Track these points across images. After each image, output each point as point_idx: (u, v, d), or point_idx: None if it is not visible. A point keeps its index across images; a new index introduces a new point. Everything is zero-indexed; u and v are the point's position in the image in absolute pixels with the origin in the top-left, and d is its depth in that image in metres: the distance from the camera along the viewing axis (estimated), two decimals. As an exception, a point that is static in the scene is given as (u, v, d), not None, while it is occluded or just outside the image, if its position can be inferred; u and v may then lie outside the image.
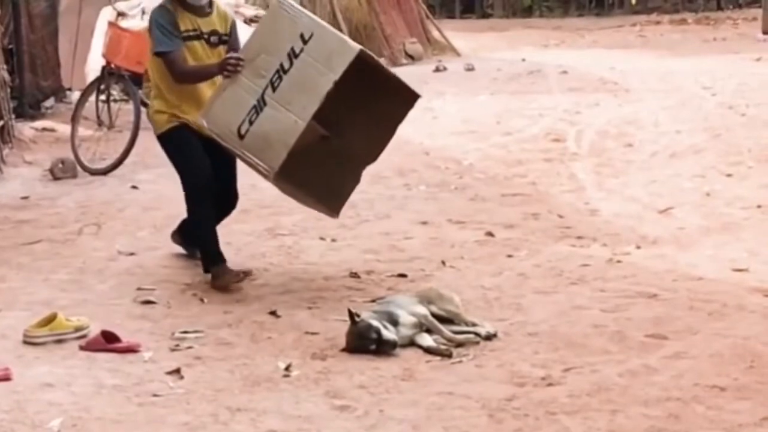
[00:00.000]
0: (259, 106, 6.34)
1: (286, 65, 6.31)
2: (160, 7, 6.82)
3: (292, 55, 6.30)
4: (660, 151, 10.53)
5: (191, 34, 6.76)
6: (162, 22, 6.70)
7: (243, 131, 6.37)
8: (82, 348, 5.60)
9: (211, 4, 6.90)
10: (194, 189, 6.73)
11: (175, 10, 6.75)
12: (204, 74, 6.75)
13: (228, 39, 6.90)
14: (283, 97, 6.30)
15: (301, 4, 17.06)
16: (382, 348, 5.46)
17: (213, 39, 6.85)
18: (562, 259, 7.14)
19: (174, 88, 6.75)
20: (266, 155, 6.31)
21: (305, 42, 6.28)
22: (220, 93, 6.51)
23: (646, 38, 21.96)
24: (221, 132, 6.45)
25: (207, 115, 6.51)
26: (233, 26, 7.00)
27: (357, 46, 6.29)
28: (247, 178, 7.86)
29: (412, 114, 7.10)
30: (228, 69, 6.47)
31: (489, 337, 5.67)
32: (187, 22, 6.76)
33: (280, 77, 6.32)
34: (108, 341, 5.59)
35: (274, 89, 6.32)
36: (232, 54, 6.58)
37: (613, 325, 5.83)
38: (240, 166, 6.90)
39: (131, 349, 5.56)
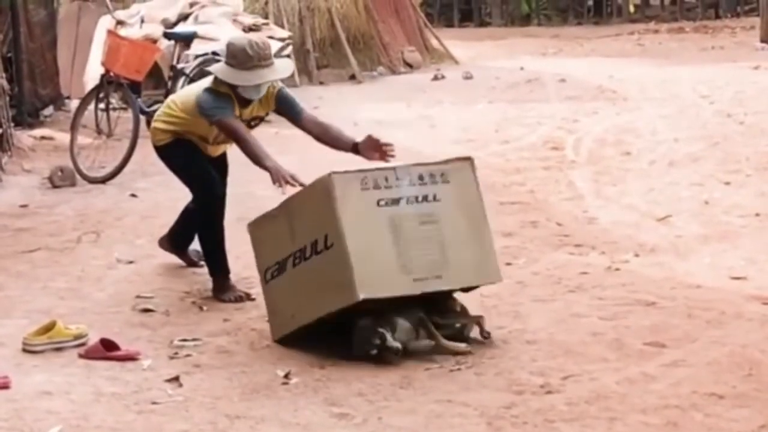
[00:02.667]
0: (281, 267, 5.78)
1: (307, 252, 5.65)
2: (219, 95, 6.41)
3: (313, 248, 5.62)
4: (658, 160, 10.54)
5: (247, 121, 6.58)
6: (216, 101, 6.36)
7: (268, 277, 5.87)
8: (81, 356, 5.60)
9: None
10: (215, 201, 6.70)
11: (235, 100, 6.44)
12: (257, 155, 6.28)
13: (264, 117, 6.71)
14: (294, 282, 5.72)
15: (300, 13, 17.14)
16: (385, 354, 5.45)
17: (253, 123, 6.68)
18: (560, 267, 7.15)
19: (193, 127, 6.62)
20: (271, 318, 5.90)
21: (326, 246, 5.55)
22: (271, 213, 5.92)
23: (645, 47, 21.99)
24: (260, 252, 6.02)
25: (254, 222, 6.04)
26: (281, 96, 6.61)
27: (358, 296, 5.41)
28: (243, 187, 7.88)
29: (411, 122, 7.08)
30: (276, 179, 6.10)
31: (484, 335, 5.69)
32: (243, 112, 6.52)
33: (299, 258, 5.68)
34: (107, 349, 5.60)
35: (294, 265, 5.71)
36: (296, 176, 6.10)
37: (612, 333, 5.84)
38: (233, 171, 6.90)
39: (130, 357, 5.56)
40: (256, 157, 6.34)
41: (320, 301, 5.59)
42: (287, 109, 6.68)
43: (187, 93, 6.81)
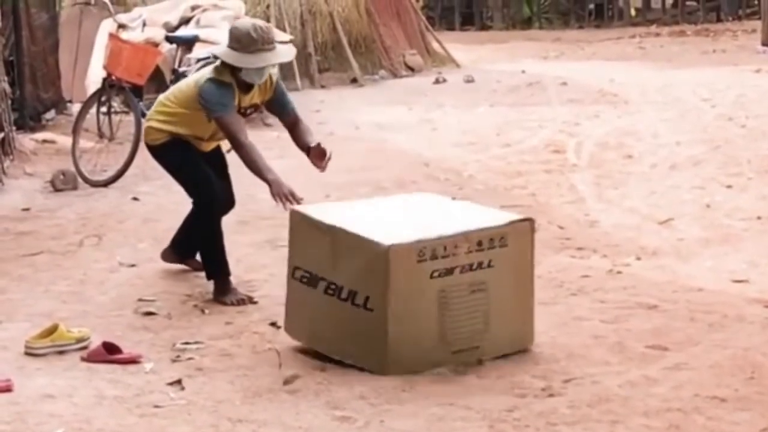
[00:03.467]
0: (313, 281, 5.59)
1: (343, 294, 5.46)
2: (222, 84, 6.43)
3: (351, 297, 5.42)
4: (659, 163, 10.55)
5: (243, 111, 6.66)
6: (220, 93, 6.39)
7: (296, 276, 5.71)
8: (83, 359, 5.61)
9: None
10: (211, 200, 6.72)
11: (237, 90, 6.49)
12: (257, 165, 6.33)
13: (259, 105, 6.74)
14: (323, 307, 5.58)
15: (301, 17, 17.14)
16: None
17: (249, 111, 6.74)
18: (562, 270, 7.15)
19: (190, 125, 6.66)
20: (289, 313, 5.80)
21: (365, 307, 5.37)
22: (318, 224, 5.67)
23: (646, 50, 21.98)
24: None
25: (298, 215, 5.84)
26: (278, 85, 6.70)
27: (389, 371, 5.31)
28: (245, 190, 7.87)
29: (412, 125, 7.09)
30: (277, 193, 6.19)
31: None
32: (243, 100, 6.58)
33: (334, 292, 5.50)
34: (109, 352, 5.60)
35: (326, 293, 5.54)
36: (295, 194, 6.21)
37: (614, 336, 5.84)
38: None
39: (132, 361, 5.57)
40: (255, 166, 6.35)
41: (347, 347, 5.49)
42: (279, 99, 6.73)
43: (184, 86, 6.79)
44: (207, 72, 6.58)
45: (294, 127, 6.74)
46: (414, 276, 5.33)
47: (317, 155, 6.56)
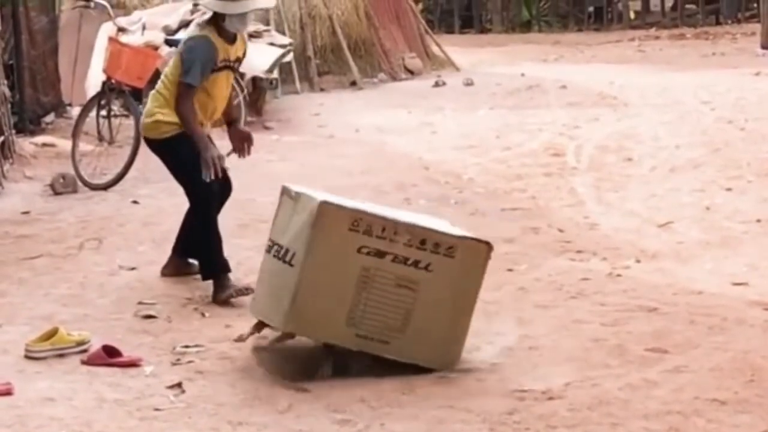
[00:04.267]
0: (269, 247, 5.67)
1: (281, 253, 5.52)
2: (204, 38, 6.73)
3: (285, 255, 5.50)
4: (659, 166, 10.55)
5: (224, 64, 6.81)
6: (206, 59, 6.65)
7: (266, 248, 5.74)
8: (83, 362, 5.61)
9: None
10: (210, 196, 6.78)
11: (216, 40, 6.72)
12: (192, 129, 6.67)
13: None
14: (266, 269, 5.75)
15: (301, 20, 17.15)
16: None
17: (236, 65, 6.99)
18: (562, 273, 7.15)
19: (199, 109, 6.78)
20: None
21: (289, 263, 5.45)
22: (292, 193, 5.69)
23: (645, 53, 21.98)
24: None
25: (286, 190, 5.77)
26: (246, 48, 7.06)
27: (285, 326, 5.40)
28: (245, 194, 7.89)
29: (412, 128, 7.09)
30: (204, 161, 6.57)
31: None
32: (221, 52, 6.77)
33: (277, 254, 5.56)
34: (109, 356, 5.60)
35: (270, 253, 5.65)
36: (222, 157, 6.65)
37: (613, 339, 5.84)
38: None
39: (132, 364, 5.57)
40: (191, 128, 6.65)
41: (269, 308, 5.53)
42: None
43: (172, 65, 6.89)
44: (191, 31, 6.85)
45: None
46: (340, 242, 5.30)
47: (236, 137, 6.97)
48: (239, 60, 7.00)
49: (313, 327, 5.35)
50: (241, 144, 6.95)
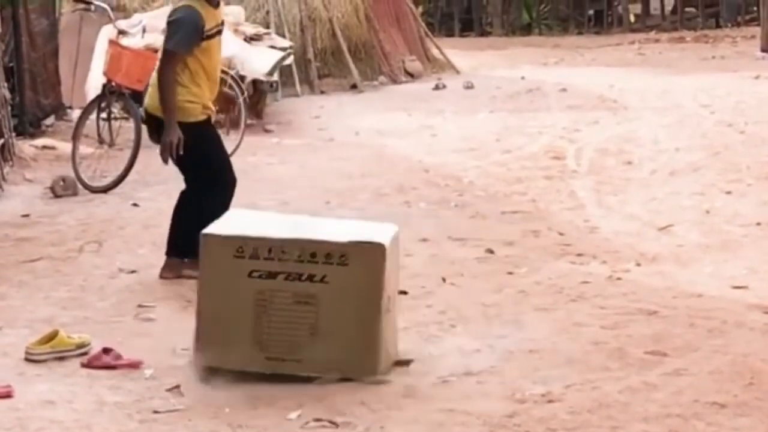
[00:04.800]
0: None
1: None
2: (189, 8, 6.95)
3: None
4: (659, 169, 10.56)
5: (214, 30, 7.04)
6: (192, 27, 6.89)
7: None
8: (83, 365, 5.61)
9: None
10: (226, 185, 7.04)
11: (202, 8, 6.95)
12: (168, 102, 6.87)
13: None
14: None
15: (301, 23, 17.16)
16: None
17: (221, 29, 7.18)
18: (562, 276, 7.15)
19: (203, 81, 7.01)
20: None
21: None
22: None
23: (645, 56, 22.00)
24: None
25: None
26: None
27: (202, 361, 5.44)
28: (245, 197, 7.89)
29: (412, 131, 7.11)
30: (163, 152, 6.89)
31: None
32: (210, 20, 6.99)
33: None
34: (109, 358, 5.60)
35: None
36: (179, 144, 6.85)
37: (613, 342, 5.84)
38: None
39: (132, 366, 5.57)
40: (168, 100, 6.84)
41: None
42: None
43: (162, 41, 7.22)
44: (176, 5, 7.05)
45: None
46: (229, 270, 5.33)
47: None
48: (224, 22, 7.24)
49: (226, 356, 5.35)
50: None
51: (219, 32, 7.11)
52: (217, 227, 5.53)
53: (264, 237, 5.37)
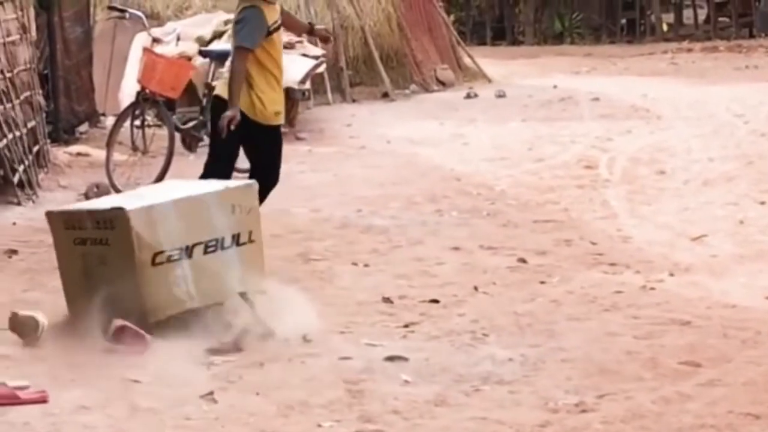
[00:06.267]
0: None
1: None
2: (252, 7, 7.39)
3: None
4: (692, 179, 10.52)
5: (276, 25, 7.48)
6: (256, 23, 7.34)
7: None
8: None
9: None
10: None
11: (262, 4, 7.39)
12: (234, 90, 7.36)
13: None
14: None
15: (333, 31, 17.18)
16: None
17: (279, 26, 7.60)
18: (594, 286, 7.14)
19: (266, 82, 7.49)
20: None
21: None
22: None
23: (678, 65, 21.94)
24: None
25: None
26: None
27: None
28: (277, 204, 7.91)
29: (444, 140, 7.13)
30: (223, 123, 7.32)
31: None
32: (270, 16, 7.43)
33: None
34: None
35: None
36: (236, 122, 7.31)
37: (647, 352, 5.82)
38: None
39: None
40: (234, 88, 7.34)
41: None
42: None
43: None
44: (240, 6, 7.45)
45: (298, 26, 8.41)
46: (65, 240, 6.32)
47: (320, 37, 8.56)
48: (281, 14, 7.70)
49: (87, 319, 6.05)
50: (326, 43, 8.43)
51: (279, 26, 7.57)
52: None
53: (77, 210, 6.56)
